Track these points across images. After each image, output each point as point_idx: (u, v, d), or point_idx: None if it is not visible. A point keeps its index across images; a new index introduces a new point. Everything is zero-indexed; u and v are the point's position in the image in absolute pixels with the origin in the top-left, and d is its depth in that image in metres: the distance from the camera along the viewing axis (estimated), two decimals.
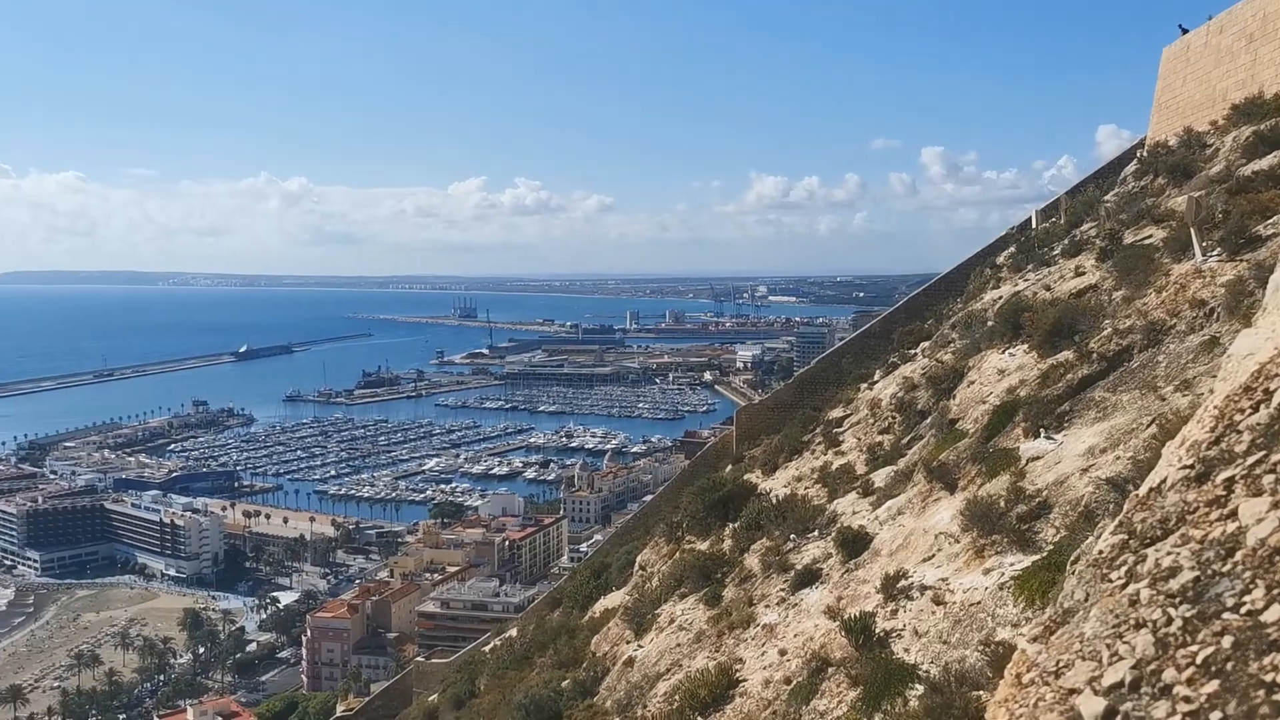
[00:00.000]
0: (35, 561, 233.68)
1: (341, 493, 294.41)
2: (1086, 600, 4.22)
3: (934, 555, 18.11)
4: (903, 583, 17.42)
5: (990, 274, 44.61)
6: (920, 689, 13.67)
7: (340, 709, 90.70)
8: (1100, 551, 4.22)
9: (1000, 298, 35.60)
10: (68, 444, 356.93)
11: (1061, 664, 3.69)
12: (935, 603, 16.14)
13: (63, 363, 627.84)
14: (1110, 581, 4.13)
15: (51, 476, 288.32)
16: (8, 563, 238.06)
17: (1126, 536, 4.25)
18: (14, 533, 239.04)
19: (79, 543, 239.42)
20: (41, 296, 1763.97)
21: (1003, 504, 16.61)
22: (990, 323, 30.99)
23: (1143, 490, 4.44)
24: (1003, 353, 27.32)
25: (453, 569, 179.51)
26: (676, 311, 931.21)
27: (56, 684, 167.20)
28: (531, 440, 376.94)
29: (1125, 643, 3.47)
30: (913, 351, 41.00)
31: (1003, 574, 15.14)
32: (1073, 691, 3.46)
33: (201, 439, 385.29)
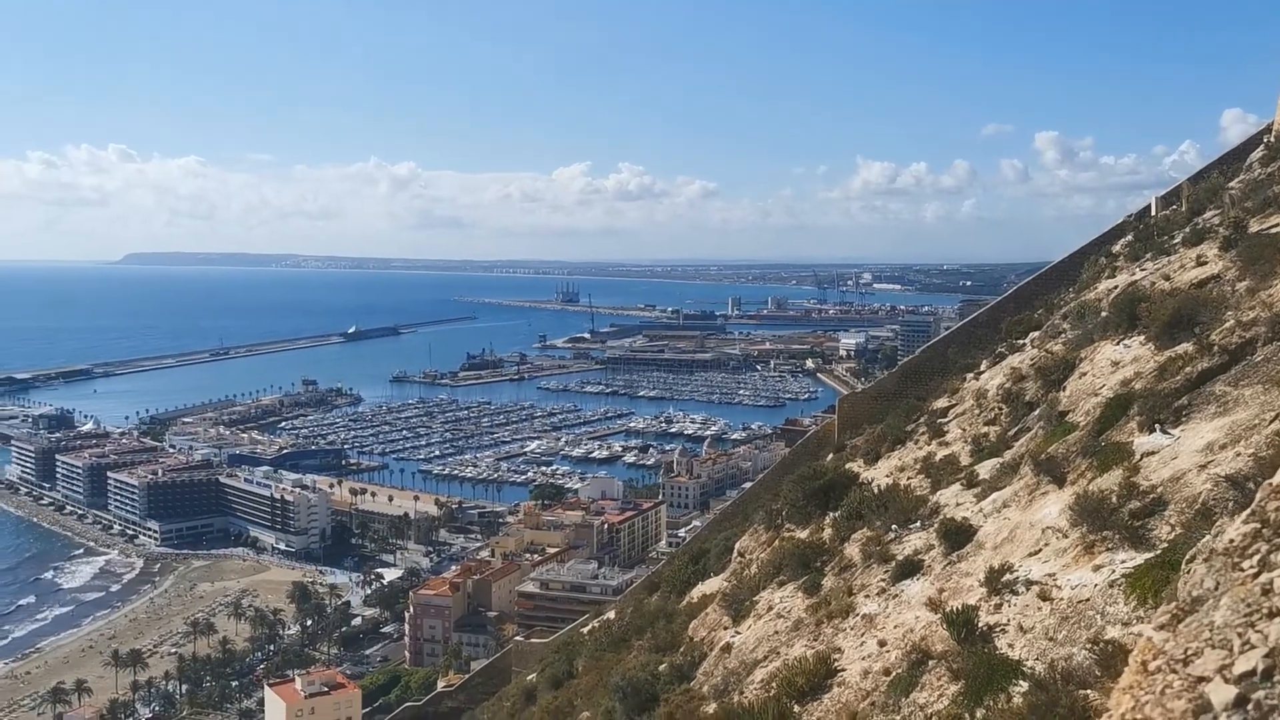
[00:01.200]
0: (155, 532, 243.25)
1: (445, 472, 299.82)
2: (1216, 589, 4.21)
3: (1040, 550, 17.71)
4: (1007, 577, 17.07)
5: (1105, 263, 43.29)
6: (1024, 686, 13.41)
7: (441, 685, 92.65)
8: (1231, 540, 4.21)
9: (1116, 287, 34.54)
10: (186, 419, 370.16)
11: (1190, 652, 3.65)
12: (1041, 598, 15.80)
13: (182, 341, 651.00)
14: (1242, 570, 4.11)
15: (170, 450, 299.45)
16: (130, 532, 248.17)
17: (1259, 525, 4.23)
18: (136, 503, 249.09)
19: (195, 515, 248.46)
20: (163, 277, 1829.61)
21: (1115, 499, 16.16)
22: (1104, 313, 30.09)
23: (1276, 479, 4.42)
24: (1117, 344, 26.52)
25: (552, 550, 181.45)
26: (779, 298, 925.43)
27: (174, 650, 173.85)
28: (631, 425, 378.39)
29: (1257, 631, 3.43)
30: (1021, 342, 40.04)
31: (1113, 571, 14.75)
32: (1201, 679, 3.45)
33: (311, 417, 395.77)
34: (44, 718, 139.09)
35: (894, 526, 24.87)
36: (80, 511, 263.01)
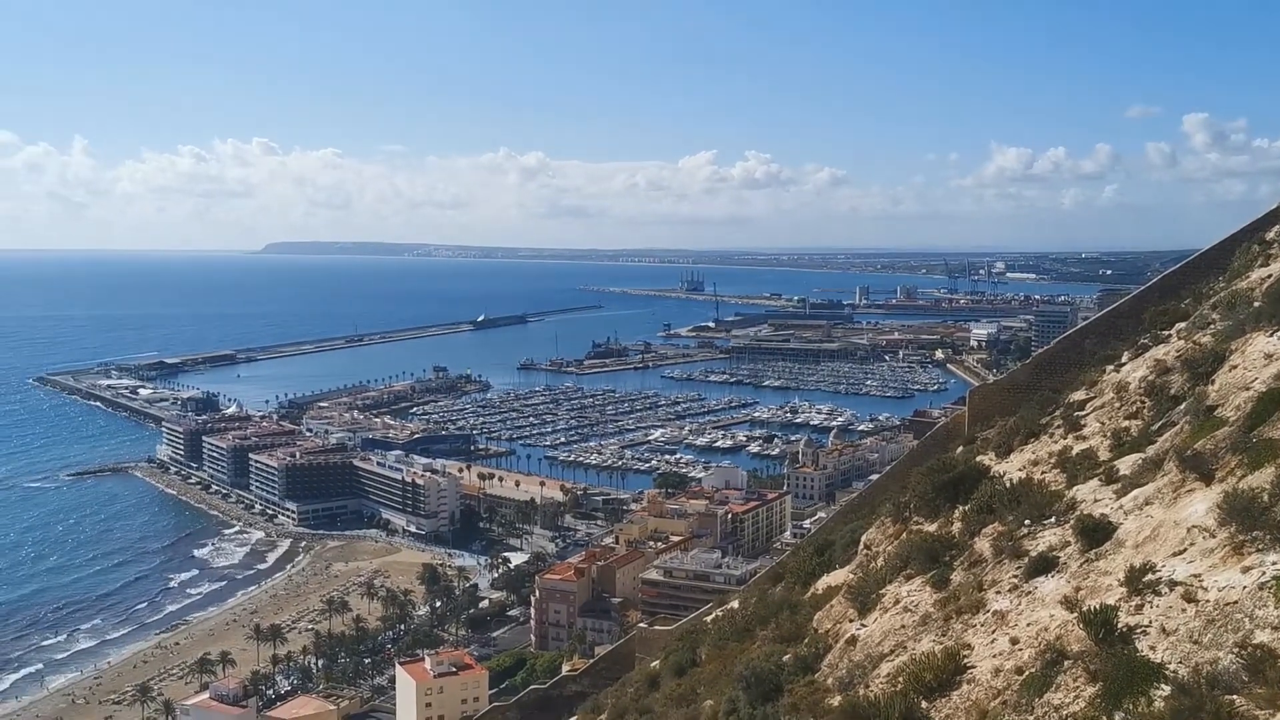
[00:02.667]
0: (293, 512, 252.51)
1: (570, 459, 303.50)
2: None
3: (1185, 549, 17.01)
4: (1149, 576, 16.44)
5: (1258, 250, 41.21)
6: (1166, 689, 12.93)
7: (566, 669, 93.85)
8: None
9: (1270, 276, 32.88)
10: (322, 404, 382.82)
11: None
12: (1186, 600, 15.18)
13: (319, 328, 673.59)
14: None
15: (307, 434, 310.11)
16: (270, 512, 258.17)
17: None
18: (275, 484, 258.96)
19: (330, 496, 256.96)
20: (301, 265, 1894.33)
21: (1266, 498, 15.43)
22: (1258, 303, 28.67)
23: None
24: (1271, 335, 25.25)
25: (676, 538, 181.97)
26: (908, 287, 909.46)
27: (310, 626, 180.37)
28: (756, 414, 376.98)
29: None
30: (1166, 333, 38.43)
31: (1263, 573, 14.10)
32: None
33: (441, 403, 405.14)
34: (191, 686, 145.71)
35: (1027, 521, 24.20)
36: (224, 491, 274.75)
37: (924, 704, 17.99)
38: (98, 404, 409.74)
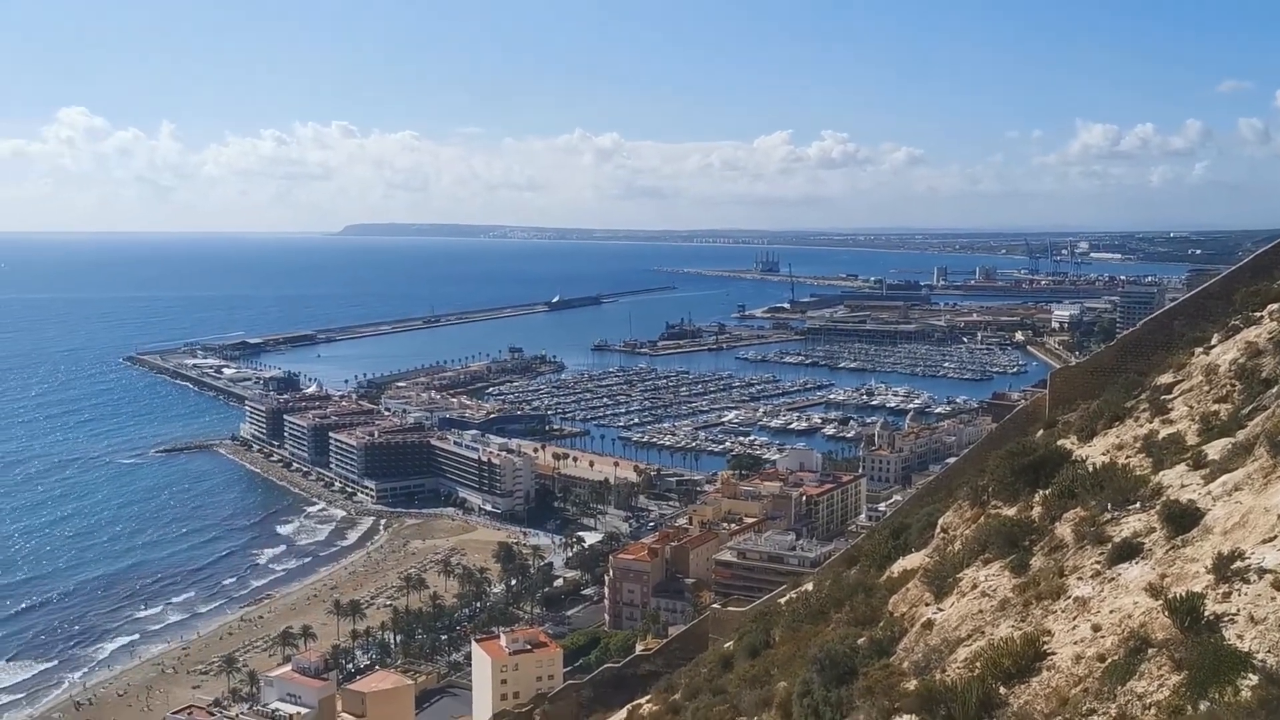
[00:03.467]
0: (371, 490, 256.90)
1: (644, 440, 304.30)
2: None
3: (1276, 536, 16.55)
4: (1238, 564, 16.02)
5: None
6: (1254, 679, 12.62)
7: (639, 648, 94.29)
8: None
9: None
10: (400, 383, 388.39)
11: None
12: (1276, 588, 14.80)
13: (397, 309, 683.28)
14: None
15: (386, 413, 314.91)
16: (349, 490, 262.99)
17: None
18: (354, 462, 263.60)
19: (408, 475, 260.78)
20: (379, 247, 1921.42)
21: None
22: None
23: None
24: None
25: (749, 520, 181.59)
26: (987, 268, 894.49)
27: (389, 603, 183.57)
28: (831, 396, 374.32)
29: None
30: (1258, 314, 37.32)
31: None
32: None
33: (516, 383, 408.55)
34: (274, 658, 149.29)
35: (1109, 507, 23.72)
36: (305, 469, 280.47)
37: (1002, 690, 17.78)
38: (184, 383, 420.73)
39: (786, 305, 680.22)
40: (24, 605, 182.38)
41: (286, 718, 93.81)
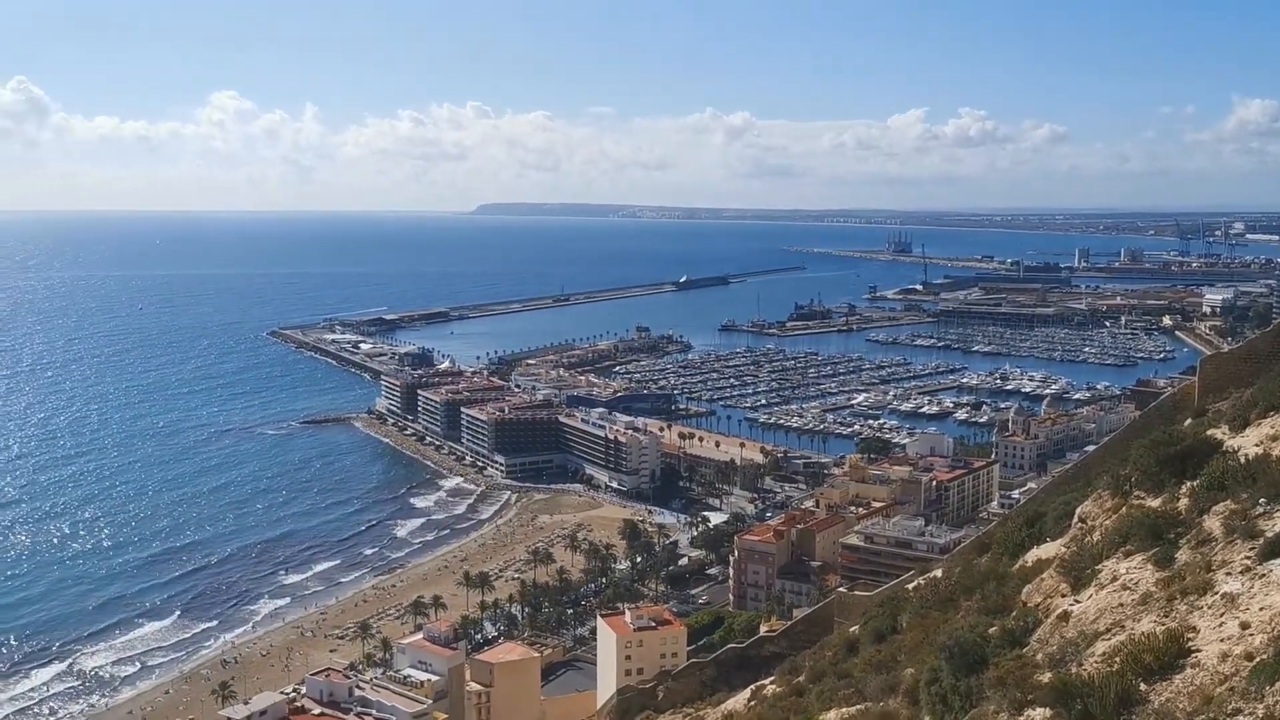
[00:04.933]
0: (501, 464, 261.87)
1: (770, 421, 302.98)
2: None
3: None
4: None
5: None
6: None
7: (763, 629, 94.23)
8: None
9: None
10: (529, 361, 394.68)
11: None
12: None
13: (527, 287, 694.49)
14: None
15: (515, 389, 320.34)
16: (479, 464, 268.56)
17: None
18: (485, 438, 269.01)
19: (536, 451, 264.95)
20: (511, 226, 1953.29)
21: None
22: None
23: None
24: None
25: (877, 504, 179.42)
26: (1133, 249, 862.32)
27: (516, 575, 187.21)
28: (964, 380, 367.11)
29: None
30: None
31: None
32: None
33: (643, 362, 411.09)
34: (406, 626, 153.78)
35: (1262, 500, 22.61)
36: (437, 443, 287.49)
37: (1142, 686, 17.18)
38: (323, 357, 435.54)
39: (919, 287, 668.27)
40: (190, 568, 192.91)
41: (418, 684, 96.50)
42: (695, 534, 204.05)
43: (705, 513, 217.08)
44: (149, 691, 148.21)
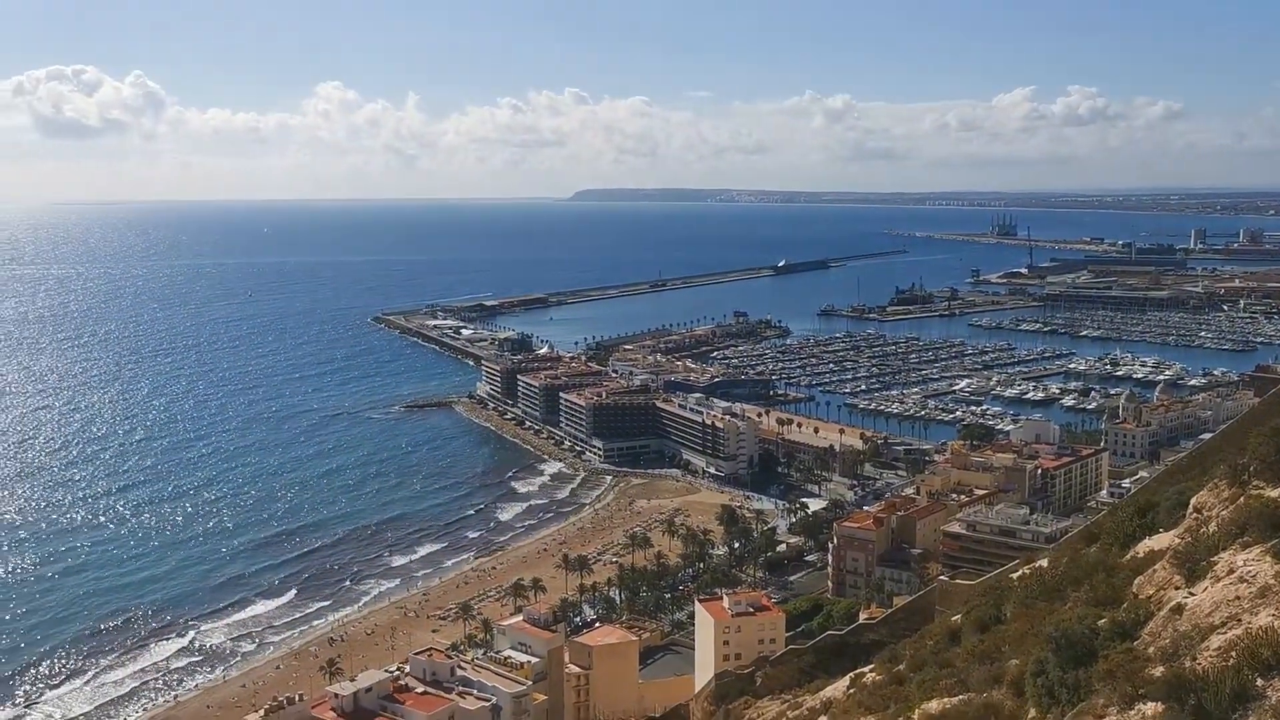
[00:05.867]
0: (599, 449, 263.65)
1: (870, 407, 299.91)
2: None
3: None
4: None
5: None
6: None
7: (863, 616, 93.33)
8: None
9: None
10: (626, 346, 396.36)
11: None
12: None
13: (625, 273, 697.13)
14: None
15: (613, 375, 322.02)
16: (577, 448, 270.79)
17: None
18: (582, 422, 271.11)
19: (634, 436, 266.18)
20: (608, 212, 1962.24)
21: None
22: None
23: None
24: None
25: (980, 492, 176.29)
26: (1253, 230, 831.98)
27: (614, 559, 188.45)
28: (1071, 366, 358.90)
29: None
30: None
31: None
32: None
33: (741, 348, 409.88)
34: (507, 608, 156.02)
35: None
36: (536, 427, 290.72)
37: (1260, 681, 16.59)
38: (425, 342, 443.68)
39: (1024, 270, 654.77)
40: (304, 549, 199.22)
41: (518, 665, 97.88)
42: (793, 520, 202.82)
43: (803, 499, 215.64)
44: (260, 666, 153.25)
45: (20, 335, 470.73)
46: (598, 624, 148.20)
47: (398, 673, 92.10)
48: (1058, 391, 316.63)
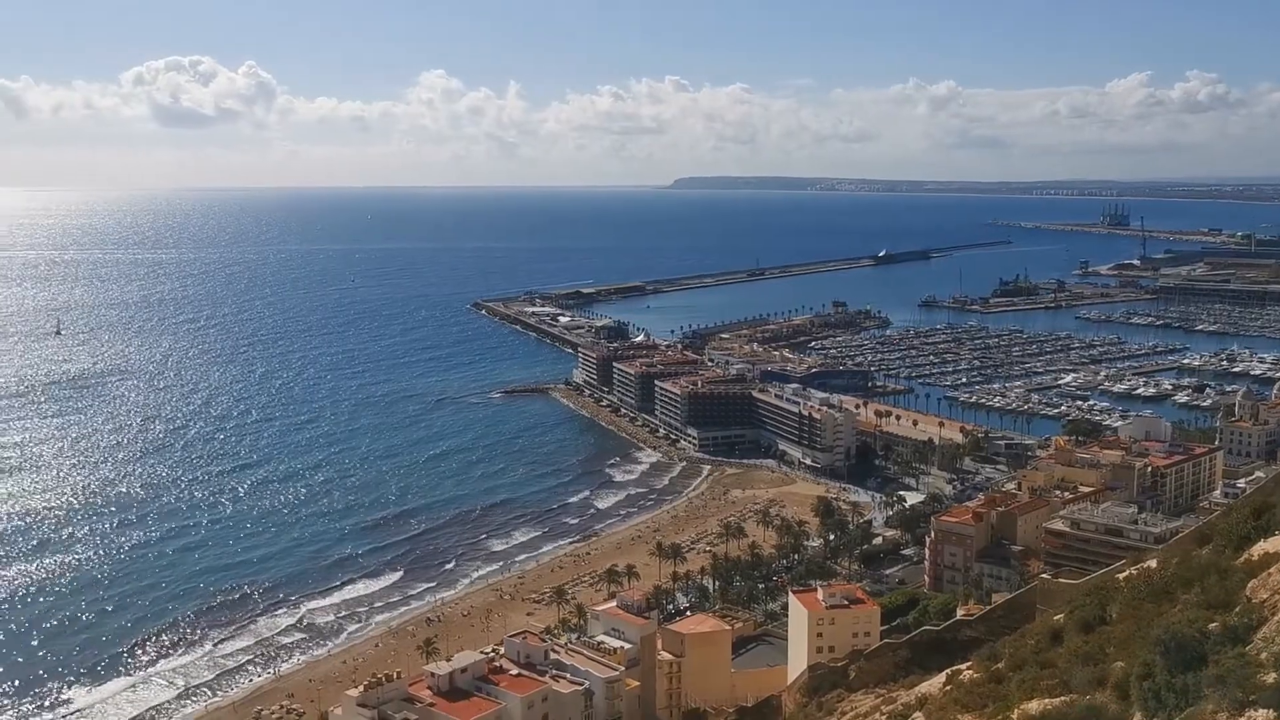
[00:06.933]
0: (694, 437, 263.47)
1: (971, 400, 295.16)
2: None
3: None
4: None
5: None
6: None
7: (960, 613, 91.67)
8: None
9: None
10: (723, 335, 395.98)
11: None
12: None
13: (722, 261, 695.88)
14: None
15: (709, 364, 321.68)
16: (672, 436, 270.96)
17: None
18: (678, 410, 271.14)
19: (729, 425, 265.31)
20: (708, 200, 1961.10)
21: None
22: None
23: None
24: None
25: (1085, 489, 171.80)
26: None
27: (708, 548, 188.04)
28: (1184, 361, 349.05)
29: None
30: None
31: None
32: None
33: (839, 338, 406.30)
34: (600, 593, 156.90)
35: None
36: (631, 415, 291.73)
37: None
38: (522, 329, 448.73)
39: (1136, 261, 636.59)
40: (412, 533, 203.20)
41: (611, 651, 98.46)
42: (890, 513, 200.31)
43: (901, 492, 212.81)
44: (361, 644, 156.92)
45: (144, 318, 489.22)
46: (689, 612, 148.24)
47: (493, 654, 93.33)
48: (1170, 387, 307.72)
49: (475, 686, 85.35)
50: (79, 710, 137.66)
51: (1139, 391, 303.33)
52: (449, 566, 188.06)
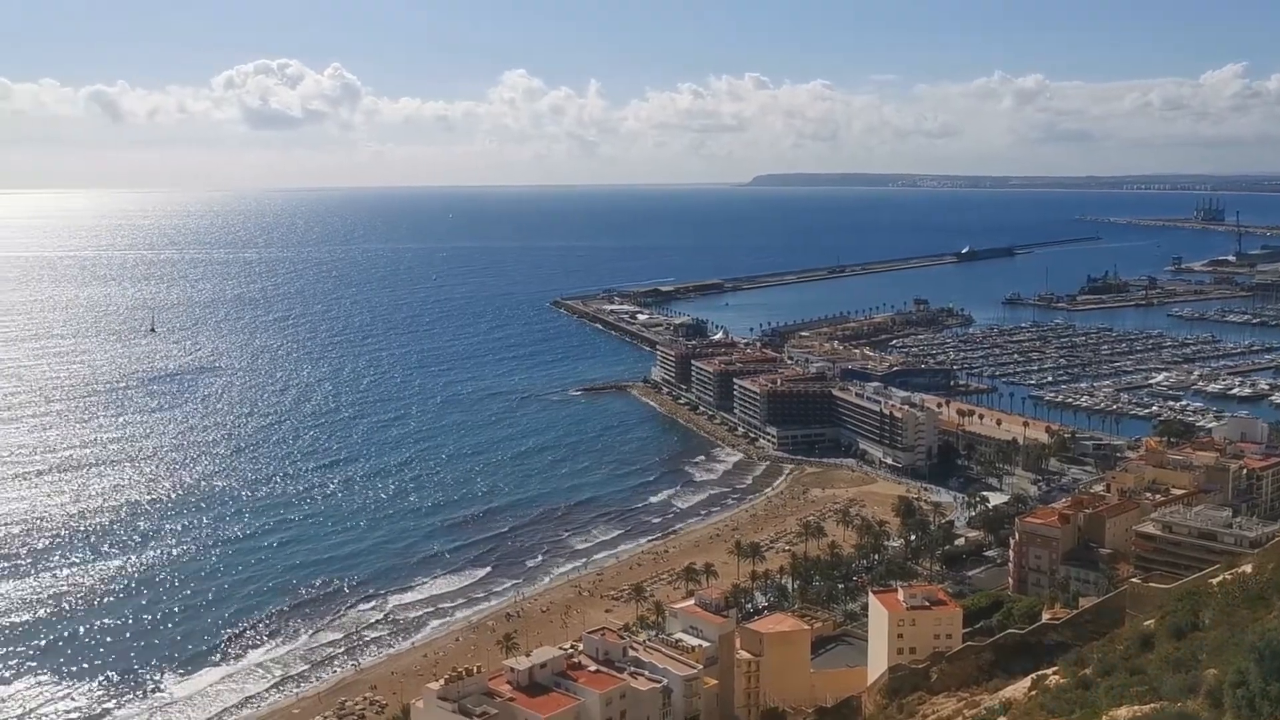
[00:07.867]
0: (773, 436, 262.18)
1: (1058, 400, 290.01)
2: None
3: None
4: None
5: None
6: None
7: (1046, 616, 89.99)
8: None
9: None
10: (803, 333, 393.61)
11: None
12: None
13: (801, 259, 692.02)
14: None
15: (788, 362, 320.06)
16: (751, 435, 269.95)
17: None
18: (757, 409, 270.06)
19: (809, 423, 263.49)
20: (787, 197, 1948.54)
21: None
22: None
23: None
24: None
25: (1178, 492, 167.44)
26: None
27: (787, 547, 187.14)
28: None
29: None
30: None
31: None
32: None
33: (921, 336, 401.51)
34: (679, 591, 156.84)
35: None
36: (710, 412, 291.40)
37: None
38: (601, 327, 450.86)
39: (1232, 258, 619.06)
40: (497, 530, 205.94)
41: (689, 649, 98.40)
42: (973, 514, 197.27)
43: (984, 493, 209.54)
44: (441, 638, 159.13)
45: (236, 316, 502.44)
46: (768, 611, 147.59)
47: (571, 650, 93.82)
48: (1266, 387, 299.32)
49: (554, 682, 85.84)
50: (177, 700, 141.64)
51: (1234, 391, 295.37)
52: (531, 564, 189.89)
